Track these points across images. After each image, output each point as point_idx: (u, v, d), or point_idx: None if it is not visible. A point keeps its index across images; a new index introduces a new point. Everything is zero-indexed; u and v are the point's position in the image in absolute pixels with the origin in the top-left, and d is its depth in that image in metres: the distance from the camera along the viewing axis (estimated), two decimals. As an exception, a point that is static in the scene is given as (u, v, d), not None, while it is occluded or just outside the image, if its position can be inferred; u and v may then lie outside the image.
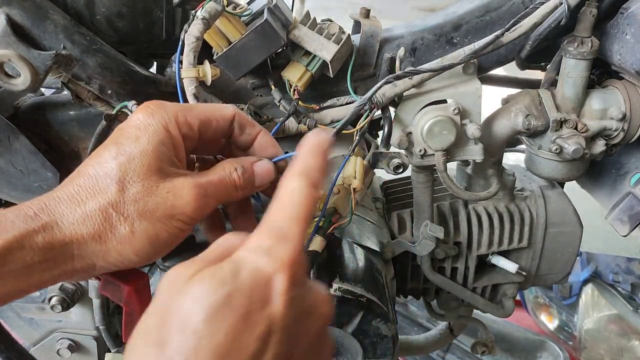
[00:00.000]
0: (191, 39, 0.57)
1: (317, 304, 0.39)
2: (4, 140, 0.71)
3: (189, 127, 0.48)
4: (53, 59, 0.59)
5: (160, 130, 0.46)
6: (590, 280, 1.78)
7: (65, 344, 0.95)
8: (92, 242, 0.43)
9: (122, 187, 0.43)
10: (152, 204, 0.44)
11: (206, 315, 0.33)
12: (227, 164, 0.50)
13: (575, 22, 0.67)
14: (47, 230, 0.42)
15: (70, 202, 0.43)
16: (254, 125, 0.53)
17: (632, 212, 0.72)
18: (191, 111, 0.48)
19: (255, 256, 0.36)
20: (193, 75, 0.58)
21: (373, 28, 0.74)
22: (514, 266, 0.81)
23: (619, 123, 0.70)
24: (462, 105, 0.66)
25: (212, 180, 0.48)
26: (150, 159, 0.44)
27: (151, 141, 0.45)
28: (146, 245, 0.45)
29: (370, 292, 0.66)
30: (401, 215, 0.82)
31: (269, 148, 0.54)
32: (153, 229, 0.44)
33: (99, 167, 0.44)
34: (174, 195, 0.45)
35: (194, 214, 0.46)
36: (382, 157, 0.68)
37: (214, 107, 0.51)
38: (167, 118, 0.46)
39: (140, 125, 0.46)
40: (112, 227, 0.43)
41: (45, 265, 0.42)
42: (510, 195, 0.81)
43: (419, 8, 5.42)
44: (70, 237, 0.42)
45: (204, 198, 0.46)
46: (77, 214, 0.43)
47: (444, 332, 1.09)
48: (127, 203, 0.43)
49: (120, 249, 0.44)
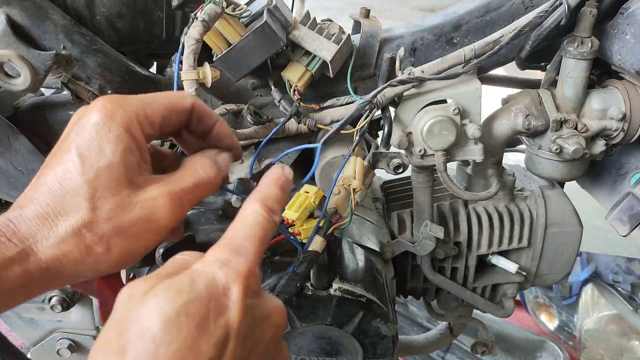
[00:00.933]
0: (191, 41, 0.57)
1: (271, 312, 0.41)
2: (4, 140, 0.71)
3: (150, 126, 0.45)
4: (53, 59, 0.59)
5: (122, 135, 0.43)
6: (590, 280, 1.78)
7: (65, 344, 0.95)
8: (69, 264, 0.42)
9: (94, 205, 0.42)
10: (127, 221, 0.42)
11: (164, 323, 0.34)
12: (198, 162, 0.48)
13: (575, 22, 0.67)
14: (23, 259, 0.41)
15: (41, 225, 0.41)
16: (211, 115, 0.51)
17: (632, 212, 0.72)
18: (150, 106, 0.45)
19: (211, 268, 0.38)
20: (193, 78, 0.58)
21: (373, 28, 0.74)
22: (514, 266, 0.81)
23: (619, 123, 0.70)
24: (462, 105, 0.66)
25: (186, 186, 0.46)
26: (119, 171, 0.42)
27: (116, 151, 0.42)
28: (122, 260, 0.44)
29: (370, 292, 0.66)
30: (401, 215, 0.82)
31: (226, 139, 0.52)
32: (128, 245, 0.43)
33: (65, 183, 0.42)
34: (148, 209, 0.43)
35: (170, 225, 0.45)
36: (382, 157, 0.68)
37: (172, 97, 0.48)
38: (128, 119, 0.43)
39: (100, 131, 0.42)
40: (87, 248, 0.42)
41: (23, 289, 0.42)
42: (510, 195, 0.81)
43: (419, 8, 5.42)
44: (47, 262, 0.41)
45: (179, 208, 0.45)
46: (51, 239, 0.41)
47: (444, 332, 1.10)
48: (100, 222, 0.42)
49: (97, 266, 0.43)
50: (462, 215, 0.80)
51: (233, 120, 0.76)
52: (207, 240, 0.72)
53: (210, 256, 0.39)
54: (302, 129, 0.74)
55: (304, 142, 0.78)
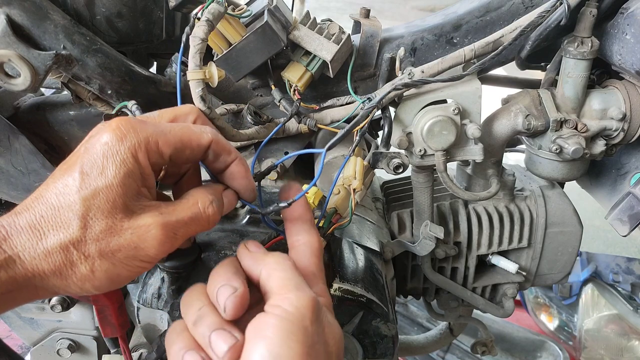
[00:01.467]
0: (197, 40, 0.57)
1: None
2: (4, 140, 0.71)
3: (159, 156, 0.45)
4: (53, 59, 0.59)
5: (128, 159, 0.43)
6: (590, 280, 1.78)
7: (65, 344, 0.95)
8: (53, 277, 0.43)
9: (85, 224, 0.42)
10: (115, 245, 0.43)
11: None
12: (200, 196, 0.48)
13: (575, 22, 0.67)
14: (9, 265, 0.41)
15: (32, 234, 0.42)
16: (229, 152, 0.50)
17: (632, 212, 0.72)
18: (165, 136, 0.45)
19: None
20: (200, 77, 0.58)
21: (373, 28, 0.74)
22: (514, 266, 0.81)
23: (619, 123, 0.70)
24: (462, 105, 0.66)
25: (182, 219, 0.45)
26: (116, 194, 0.42)
27: (118, 174, 0.42)
28: (106, 282, 0.44)
29: (370, 292, 0.66)
30: (401, 215, 0.82)
31: (239, 179, 0.51)
32: (114, 269, 0.43)
33: (62, 198, 0.42)
34: (138, 237, 0.43)
35: (159, 255, 0.45)
36: (382, 157, 0.68)
37: (191, 132, 0.47)
38: (137, 144, 0.43)
39: (107, 152, 0.43)
40: (73, 265, 0.42)
41: (8, 295, 0.42)
42: (510, 195, 0.81)
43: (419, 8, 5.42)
44: (32, 271, 0.42)
45: (170, 240, 0.45)
46: (39, 249, 0.42)
47: (444, 332, 1.10)
48: (88, 242, 0.42)
49: (81, 284, 0.44)
50: (462, 215, 0.80)
51: (233, 120, 0.76)
52: (208, 241, 0.72)
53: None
54: (302, 129, 0.74)
55: (304, 142, 0.78)
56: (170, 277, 0.68)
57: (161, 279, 0.69)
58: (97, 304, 0.55)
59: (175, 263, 0.64)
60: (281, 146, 0.78)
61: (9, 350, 0.84)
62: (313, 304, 0.44)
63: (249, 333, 0.43)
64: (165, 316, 0.70)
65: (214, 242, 0.71)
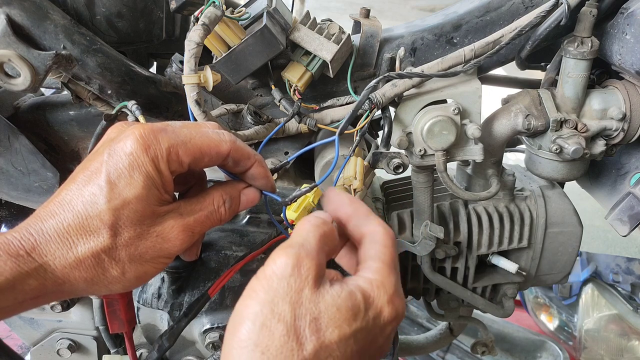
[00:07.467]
0: (192, 44, 0.57)
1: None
2: (4, 140, 0.71)
3: (179, 165, 0.47)
4: (53, 59, 0.59)
5: (152, 170, 0.45)
6: (590, 280, 1.78)
7: (65, 344, 0.95)
8: (84, 283, 0.45)
9: (115, 232, 0.44)
10: (143, 248, 0.45)
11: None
12: (216, 195, 0.51)
13: (575, 22, 0.67)
14: (39, 273, 0.42)
15: (61, 243, 0.43)
16: (249, 157, 0.52)
17: (632, 212, 0.72)
18: (185, 146, 0.47)
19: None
20: (194, 82, 0.58)
21: (373, 28, 0.74)
22: (514, 266, 0.81)
23: (619, 123, 0.70)
24: (462, 105, 0.66)
25: (199, 218, 0.49)
26: (144, 204, 0.45)
27: (145, 185, 0.45)
28: (134, 281, 0.47)
29: (370, 292, 0.66)
30: (401, 215, 0.82)
31: (259, 179, 0.53)
32: (142, 268, 0.46)
33: (90, 207, 0.44)
34: (162, 239, 0.46)
35: (180, 251, 0.48)
36: (382, 157, 0.68)
37: (210, 142, 0.48)
38: (160, 155, 0.45)
39: (133, 163, 0.44)
40: (105, 270, 0.45)
41: (36, 300, 0.44)
42: (510, 195, 0.81)
43: (419, 8, 5.42)
44: (63, 279, 0.44)
45: (189, 237, 0.48)
46: (70, 258, 0.43)
47: (444, 332, 1.10)
48: (119, 248, 0.44)
49: (111, 287, 0.46)
50: (462, 215, 0.80)
51: (233, 120, 0.76)
52: (208, 241, 0.72)
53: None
54: (302, 129, 0.74)
55: (304, 142, 0.78)
56: (170, 277, 0.68)
57: (161, 279, 0.69)
58: (107, 297, 0.56)
59: (176, 263, 0.64)
60: (281, 146, 0.78)
61: (9, 350, 0.84)
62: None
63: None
64: (165, 316, 0.70)
65: (214, 242, 0.71)
